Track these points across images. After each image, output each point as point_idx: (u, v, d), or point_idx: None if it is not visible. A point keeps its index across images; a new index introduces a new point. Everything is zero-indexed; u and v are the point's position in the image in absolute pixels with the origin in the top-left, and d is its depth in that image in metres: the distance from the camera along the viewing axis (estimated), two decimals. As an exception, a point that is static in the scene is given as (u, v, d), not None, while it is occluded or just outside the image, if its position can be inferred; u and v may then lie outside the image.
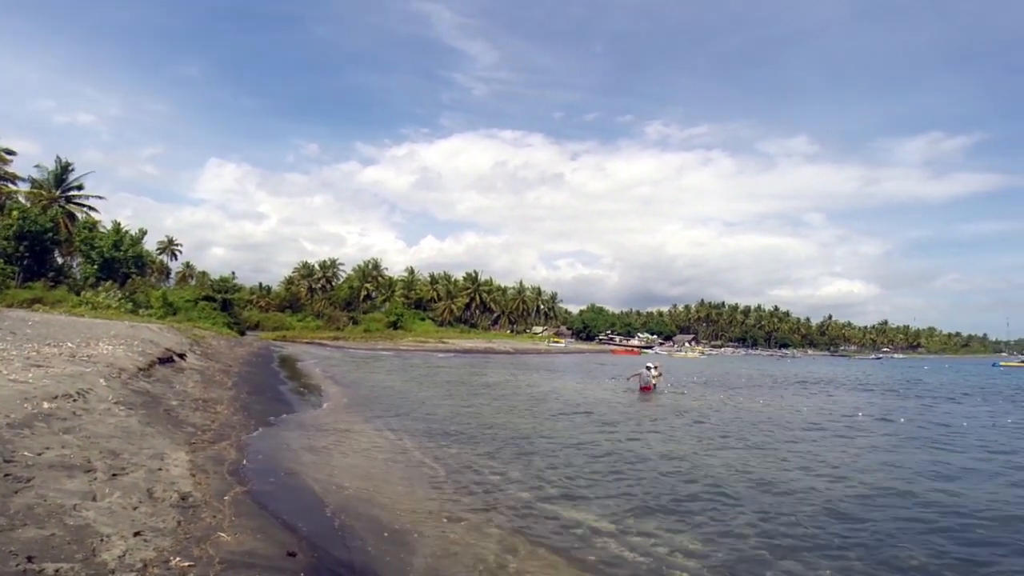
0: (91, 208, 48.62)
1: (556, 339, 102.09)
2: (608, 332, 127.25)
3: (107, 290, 39.42)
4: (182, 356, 17.92)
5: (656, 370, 22.70)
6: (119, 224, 47.65)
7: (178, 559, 3.75)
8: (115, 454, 5.80)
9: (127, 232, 47.47)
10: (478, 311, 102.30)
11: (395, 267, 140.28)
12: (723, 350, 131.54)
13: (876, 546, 5.92)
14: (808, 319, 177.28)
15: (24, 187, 45.81)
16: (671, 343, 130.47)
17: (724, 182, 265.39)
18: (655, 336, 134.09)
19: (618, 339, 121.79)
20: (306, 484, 6.94)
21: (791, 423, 15.31)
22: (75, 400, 7.47)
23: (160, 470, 5.73)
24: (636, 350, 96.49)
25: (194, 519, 4.62)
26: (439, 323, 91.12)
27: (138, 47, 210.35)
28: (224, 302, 53.28)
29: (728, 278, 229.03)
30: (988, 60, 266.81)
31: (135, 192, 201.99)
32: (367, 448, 9.84)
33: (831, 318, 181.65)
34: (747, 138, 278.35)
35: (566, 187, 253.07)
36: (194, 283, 79.64)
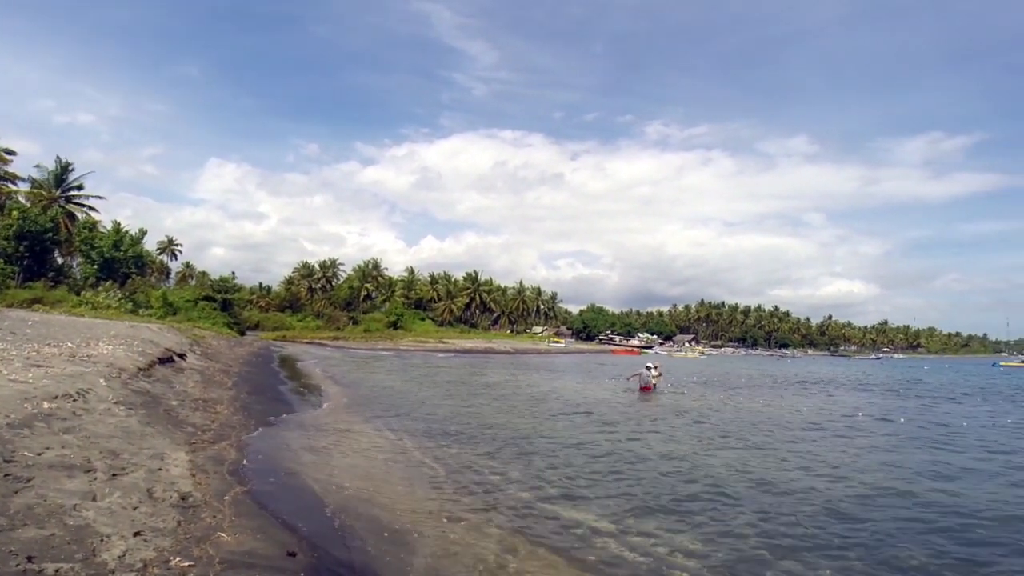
0: (91, 208, 48.74)
1: (556, 339, 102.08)
2: (608, 332, 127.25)
3: (107, 290, 39.45)
4: (182, 356, 17.92)
5: (656, 370, 22.71)
6: (119, 224, 47.78)
7: (178, 559, 3.75)
8: (115, 454, 5.80)
9: (127, 232, 47.53)
10: (478, 311, 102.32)
11: (395, 267, 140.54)
12: (723, 350, 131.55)
13: (876, 546, 5.92)
14: (808, 319, 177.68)
15: (24, 187, 45.89)
16: (671, 343, 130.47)
17: (724, 182, 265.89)
18: (655, 336, 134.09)
19: (618, 339, 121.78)
20: (306, 484, 6.94)
21: (791, 423, 15.31)
22: (75, 400, 7.48)
23: (160, 470, 5.73)
24: (636, 350, 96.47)
25: (194, 519, 4.62)
26: (439, 323, 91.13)
27: (138, 47, 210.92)
28: (224, 302, 53.31)
29: (728, 278, 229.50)
30: (988, 60, 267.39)
31: (135, 192, 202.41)
32: (367, 448, 9.84)
33: (831, 318, 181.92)
34: (747, 138, 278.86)
35: (566, 187, 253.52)
36: (194, 283, 79.67)
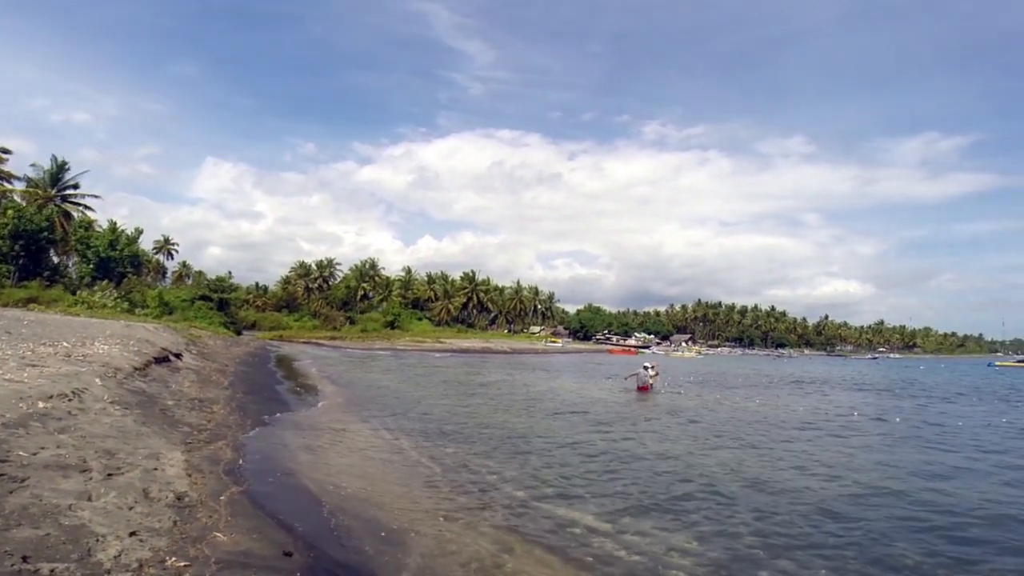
0: (87, 207, 48.64)
1: (553, 339, 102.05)
2: (605, 332, 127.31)
3: (103, 289, 39.34)
4: (178, 356, 17.87)
5: (653, 370, 22.77)
6: (115, 223, 47.67)
7: (174, 559, 3.75)
8: (111, 454, 5.79)
9: (123, 231, 47.42)
10: (475, 311, 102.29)
11: (392, 267, 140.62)
12: (720, 350, 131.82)
13: (870, 545, 5.96)
14: (804, 319, 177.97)
15: (20, 186, 45.75)
16: (668, 343, 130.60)
17: (721, 182, 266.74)
18: (652, 336, 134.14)
19: (615, 339, 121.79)
20: (302, 484, 6.93)
21: (786, 423, 15.38)
22: (70, 400, 7.45)
23: (156, 470, 5.72)
24: (633, 350, 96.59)
25: (190, 519, 4.61)
26: (436, 323, 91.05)
27: (134, 46, 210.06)
28: (220, 302, 53.15)
29: (725, 278, 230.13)
30: (984, 61, 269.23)
31: (131, 191, 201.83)
32: (363, 447, 9.85)
33: (827, 318, 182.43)
34: (744, 138, 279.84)
35: (563, 187, 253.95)
36: (190, 283, 79.52)
